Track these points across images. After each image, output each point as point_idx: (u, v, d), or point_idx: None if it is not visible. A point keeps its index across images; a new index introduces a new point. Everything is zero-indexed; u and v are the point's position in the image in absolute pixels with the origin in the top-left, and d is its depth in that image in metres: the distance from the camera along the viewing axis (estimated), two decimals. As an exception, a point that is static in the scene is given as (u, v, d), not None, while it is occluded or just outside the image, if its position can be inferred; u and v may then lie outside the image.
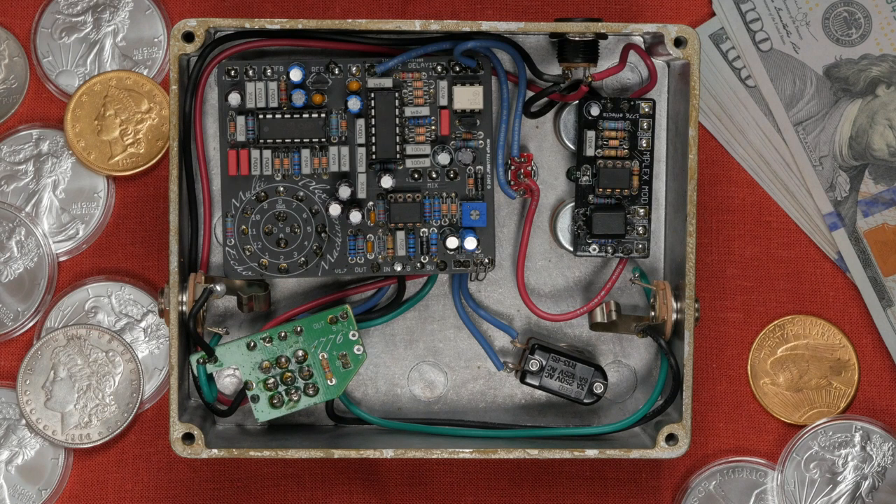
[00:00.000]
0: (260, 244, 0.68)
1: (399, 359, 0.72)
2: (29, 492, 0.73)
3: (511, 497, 0.74)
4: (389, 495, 0.74)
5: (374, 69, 0.67)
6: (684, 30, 0.66)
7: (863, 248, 0.74)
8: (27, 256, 0.73)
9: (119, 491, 0.74)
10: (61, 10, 0.74)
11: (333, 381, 0.68)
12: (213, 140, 0.70)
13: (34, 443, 0.73)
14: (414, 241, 0.68)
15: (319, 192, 0.68)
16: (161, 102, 0.73)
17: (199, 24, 0.66)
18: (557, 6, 0.74)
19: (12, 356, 0.74)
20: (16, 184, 0.74)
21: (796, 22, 0.74)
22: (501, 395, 0.72)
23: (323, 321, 0.68)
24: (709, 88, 0.74)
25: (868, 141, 0.74)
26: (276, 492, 0.74)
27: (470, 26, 0.65)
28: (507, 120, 0.69)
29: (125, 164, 0.73)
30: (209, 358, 0.67)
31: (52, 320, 0.73)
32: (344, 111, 0.68)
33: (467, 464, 0.74)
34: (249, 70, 0.67)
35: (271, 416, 0.68)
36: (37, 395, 0.73)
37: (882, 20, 0.74)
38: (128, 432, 0.74)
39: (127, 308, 0.74)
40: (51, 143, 0.74)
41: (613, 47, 0.70)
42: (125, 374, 0.73)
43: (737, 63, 0.74)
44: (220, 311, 0.71)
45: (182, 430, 0.66)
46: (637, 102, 0.69)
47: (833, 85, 0.74)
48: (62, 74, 0.74)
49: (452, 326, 0.72)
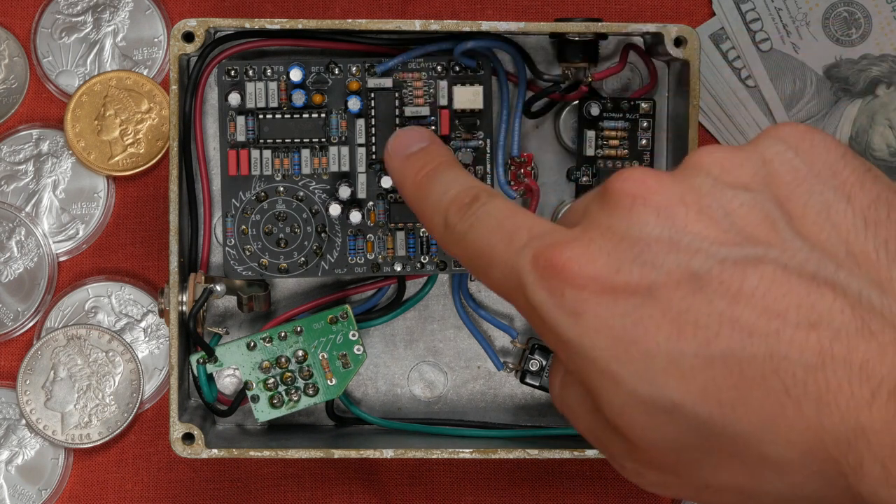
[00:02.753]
0: (260, 244, 0.68)
1: (399, 359, 0.72)
2: (29, 492, 0.73)
3: (511, 497, 0.74)
4: (389, 495, 0.74)
5: (374, 69, 0.67)
6: (684, 30, 0.66)
7: (863, 248, 0.74)
8: (27, 256, 0.73)
9: (119, 491, 0.74)
10: (61, 10, 0.74)
11: (333, 381, 0.68)
12: (213, 140, 0.70)
13: (34, 443, 0.73)
14: (414, 241, 0.68)
15: (319, 192, 0.68)
16: (161, 102, 0.73)
17: (199, 24, 0.66)
18: (557, 6, 0.74)
19: (12, 356, 0.74)
20: (16, 184, 0.74)
21: (796, 22, 0.74)
22: (501, 395, 0.72)
23: (323, 321, 0.68)
24: (709, 88, 0.74)
25: (868, 141, 0.74)
26: (276, 492, 0.74)
27: (470, 26, 0.65)
28: (507, 120, 0.69)
29: (125, 164, 0.73)
30: (209, 358, 0.67)
31: (52, 320, 0.73)
32: (344, 111, 0.68)
33: (467, 464, 0.74)
34: (249, 70, 0.67)
35: (271, 416, 0.68)
36: (37, 395, 0.73)
37: (882, 20, 0.74)
38: (128, 432, 0.74)
39: (127, 308, 0.74)
40: (51, 143, 0.74)
41: (614, 47, 0.70)
42: (125, 374, 0.73)
43: (737, 63, 0.74)
44: (220, 311, 0.71)
45: (182, 430, 0.66)
46: (637, 102, 0.69)
47: (833, 85, 0.74)
48: (62, 74, 0.74)
49: (452, 326, 0.72)
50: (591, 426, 0.49)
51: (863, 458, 0.43)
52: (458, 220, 0.51)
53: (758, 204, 0.46)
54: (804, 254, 0.45)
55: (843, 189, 0.47)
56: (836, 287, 0.44)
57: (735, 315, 0.44)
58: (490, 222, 0.50)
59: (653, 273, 0.45)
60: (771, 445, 0.44)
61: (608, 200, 0.47)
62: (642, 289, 0.45)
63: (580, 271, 0.46)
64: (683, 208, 0.46)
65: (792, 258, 0.45)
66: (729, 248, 0.45)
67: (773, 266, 0.44)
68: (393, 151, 0.59)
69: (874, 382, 0.42)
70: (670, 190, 0.46)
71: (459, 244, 0.51)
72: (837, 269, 0.44)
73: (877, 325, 0.43)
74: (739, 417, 0.44)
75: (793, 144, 0.48)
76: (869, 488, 0.43)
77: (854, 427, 0.42)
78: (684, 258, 0.45)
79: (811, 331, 0.43)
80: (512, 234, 0.49)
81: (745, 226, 0.46)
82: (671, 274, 0.45)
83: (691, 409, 0.44)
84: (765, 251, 0.45)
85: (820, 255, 0.45)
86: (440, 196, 0.53)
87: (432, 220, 0.54)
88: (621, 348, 0.45)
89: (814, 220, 0.46)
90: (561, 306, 0.46)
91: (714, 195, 0.46)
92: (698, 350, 0.44)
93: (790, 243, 0.45)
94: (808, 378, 0.43)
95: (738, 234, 0.45)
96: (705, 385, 0.44)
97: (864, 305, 0.43)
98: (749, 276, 0.44)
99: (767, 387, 0.43)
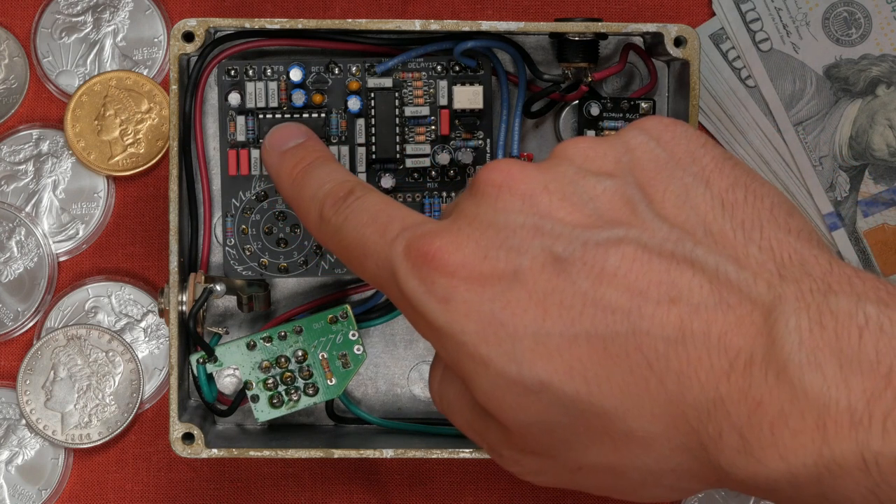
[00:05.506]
0: (260, 244, 0.68)
1: (399, 359, 0.72)
2: (29, 492, 0.73)
3: (511, 497, 0.74)
4: (389, 495, 0.74)
5: (374, 69, 0.67)
6: (684, 30, 0.66)
7: (863, 248, 0.74)
8: (27, 256, 0.73)
9: (119, 491, 0.74)
10: (61, 10, 0.74)
11: (333, 381, 0.68)
12: (213, 140, 0.70)
13: (34, 443, 0.73)
14: (414, 241, 0.68)
15: (319, 192, 0.68)
16: (161, 102, 0.73)
17: (199, 24, 0.66)
18: (557, 6, 0.74)
19: (12, 356, 0.74)
20: (16, 184, 0.74)
21: (796, 22, 0.74)
22: (501, 395, 0.72)
23: (323, 321, 0.68)
24: (709, 88, 0.74)
25: (868, 141, 0.74)
26: (276, 492, 0.74)
27: (470, 26, 0.65)
28: (507, 120, 0.69)
29: (125, 164, 0.73)
30: (209, 358, 0.67)
31: (52, 320, 0.73)
32: (344, 111, 0.68)
33: (467, 464, 0.74)
34: (249, 70, 0.67)
35: (271, 416, 0.68)
36: (37, 395, 0.73)
37: (882, 20, 0.74)
38: (128, 432, 0.74)
39: (127, 308, 0.74)
40: (51, 143, 0.74)
41: (613, 47, 0.70)
42: (125, 374, 0.73)
43: (737, 63, 0.74)
44: (220, 311, 0.71)
45: (182, 430, 0.66)
46: (637, 102, 0.69)
47: (833, 85, 0.74)
48: (62, 74, 0.74)
49: (452, 326, 0.72)
50: (468, 419, 0.50)
51: (721, 428, 0.43)
52: (333, 214, 0.53)
53: (619, 189, 0.48)
54: (663, 233, 0.46)
55: (702, 174, 0.48)
56: (695, 263, 0.45)
57: (598, 294, 0.45)
58: (364, 215, 0.52)
59: (518, 258, 0.46)
60: (636, 420, 0.45)
61: (476, 191, 0.49)
62: (508, 273, 0.46)
63: (449, 259, 0.47)
64: (547, 196, 0.48)
65: (652, 237, 0.46)
66: (591, 231, 0.46)
67: (634, 246, 0.46)
68: (270, 146, 0.61)
69: (731, 353, 0.43)
70: (535, 178, 0.48)
71: (335, 237, 0.53)
72: (695, 246, 0.46)
73: (734, 299, 0.44)
74: (605, 394, 0.45)
75: (655, 135, 0.49)
76: (727, 458, 0.44)
77: (714, 398, 0.43)
78: (548, 242, 0.46)
79: (671, 306, 0.44)
80: (385, 226, 0.50)
81: (606, 210, 0.47)
82: (536, 258, 0.46)
83: (559, 387, 0.45)
84: (625, 232, 0.46)
85: (679, 233, 0.46)
86: (315, 190, 0.55)
87: (308, 214, 0.55)
88: (490, 331, 0.46)
89: (673, 202, 0.47)
90: (431, 293, 0.47)
91: (577, 182, 0.48)
92: (564, 329, 0.45)
93: (650, 223, 0.46)
94: (670, 352, 0.44)
95: (599, 217, 0.47)
96: (571, 363, 0.45)
97: (722, 280, 0.45)
98: (611, 256, 0.45)
99: (631, 362, 0.44)
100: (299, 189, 0.57)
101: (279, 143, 0.61)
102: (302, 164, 0.58)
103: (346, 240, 0.52)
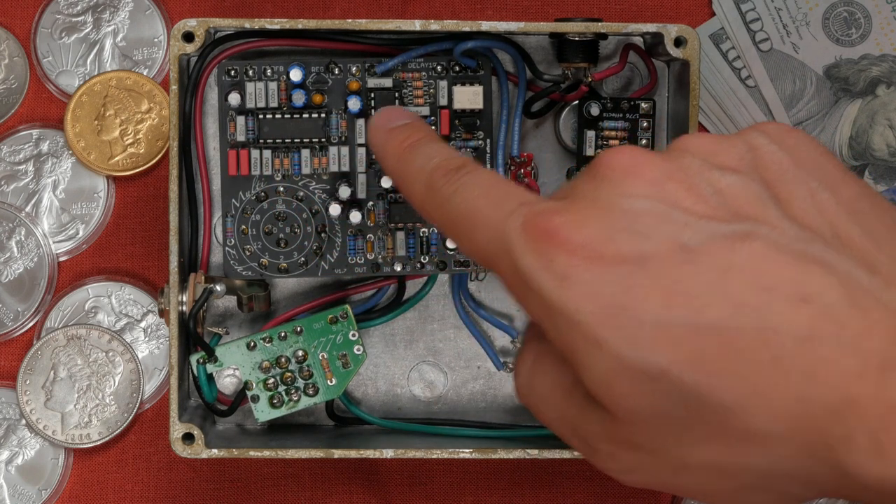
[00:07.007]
0: (260, 244, 0.68)
1: (399, 359, 0.72)
2: (29, 492, 0.73)
3: (511, 497, 0.74)
4: (389, 495, 0.74)
5: (374, 69, 0.67)
6: (684, 30, 0.66)
7: (863, 248, 0.74)
8: (27, 256, 0.73)
9: (119, 491, 0.74)
10: (61, 10, 0.74)
11: (333, 381, 0.68)
12: (213, 140, 0.70)
13: (34, 443, 0.73)
14: (414, 241, 0.68)
15: (319, 192, 0.68)
16: (161, 102, 0.73)
17: (199, 24, 0.66)
18: (557, 6, 0.74)
19: (12, 356, 0.74)
20: (16, 184, 0.74)
21: (796, 22, 0.74)
22: (501, 395, 0.72)
23: (323, 321, 0.68)
24: (709, 88, 0.74)
25: (868, 141, 0.74)
26: (276, 492, 0.74)
27: (470, 26, 0.65)
28: (507, 120, 0.69)
29: (125, 164, 0.73)
30: (209, 358, 0.67)
31: (52, 320, 0.73)
32: (344, 111, 0.68)
33: (467, 464, 0.74)
34: (249, 70, 0.67)
35: (271, 416, 0.68)
36: (37, 395, 0.73)
37: (882, 20, 0.74)
38: (128, 432, 0.74)
39: (127, 308, 0.74)
40: (51, 143, 0.74)
41: (613, 47, 0.70)
42: (125, 374, 0.73)
43: (737, 63, 0.74)
44: (220, 311, 0.71)
45: (182, 430, 0.66)
46: (637, 102, 0.69)
47: (833, 85, 0.74)
48: (62, 74, 0.74)
49: (452, 326, 0.72)
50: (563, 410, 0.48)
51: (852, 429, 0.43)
52: (444, 183, 0.51)
53: (745, 184, 0.47)
54: (793, 232, 0.45)
55: (827, 181, 0.47)
56: (826, 265, 0.44)
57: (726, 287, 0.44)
58: (476, 189, 0.50)
59: (644, 243, 0.45)
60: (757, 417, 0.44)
61: (596, 174, 0.47)
62: (633, 258, 0.45)
63: (571, 237, 0.46)
64: (673, 184, 0.46)
65: (781, 235, 0.45)
66: (718, 224, 0.45)
67: (763, 241, 0.45)
68: (377, 125, 0.59)
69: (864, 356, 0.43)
70: (660, 166, 0.47)
71: (442, 207, 0.51)
72: (826, 248, 0.45)
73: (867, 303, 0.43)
74: (726, 388, 0.44)
75: (777, 139, 0.49)
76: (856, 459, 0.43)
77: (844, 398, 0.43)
78: (675, 230, 0.45)
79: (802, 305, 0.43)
80: (501, 200, 0.49)
81: (734, 203, 0.46)
82: (662, 244, 0.45)
83: (678, 375, 0.44)
84: (753, 227, 0.45)
85: (809, 234, 0.45)
86: (424, 162, 0.53)
87: (413, 185, 0.53)
88: (610, 314, 0.45)
89: (800, 204, 0.47)
90: (549, 270, 0.46)
91: (703, 174, 0.47)
92: (688, 319, 0.44)
93: (778, 221, 0.46)
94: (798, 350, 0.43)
95: (727, 210, 0.46)
96: (693, 353, 0.44)
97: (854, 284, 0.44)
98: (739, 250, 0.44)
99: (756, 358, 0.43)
100: (406, 163, 0.54)
101: (386, 123, 0.58)
102: (410, 139, 0.56)
103: (456, 211, 0.50)
